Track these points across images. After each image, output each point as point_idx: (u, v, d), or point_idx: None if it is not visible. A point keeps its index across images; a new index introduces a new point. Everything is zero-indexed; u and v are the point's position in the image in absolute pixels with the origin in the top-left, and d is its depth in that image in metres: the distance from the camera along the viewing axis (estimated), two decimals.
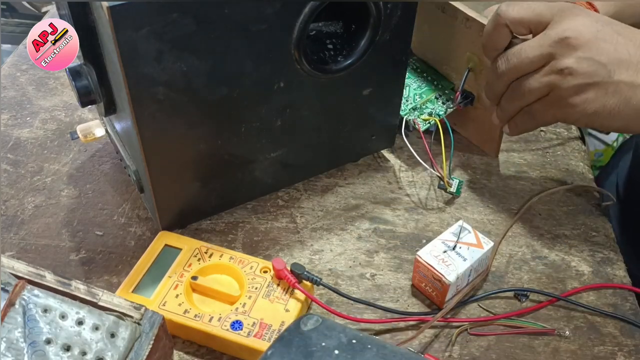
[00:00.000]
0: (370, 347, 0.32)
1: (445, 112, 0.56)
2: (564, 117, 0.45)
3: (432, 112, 0.57)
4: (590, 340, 0.44)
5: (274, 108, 0.47)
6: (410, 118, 0.56)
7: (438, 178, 0.55)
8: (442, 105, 0.57)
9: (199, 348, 0.43)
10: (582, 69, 0.42)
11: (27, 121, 0.62)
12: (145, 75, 0.39)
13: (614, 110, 0.43)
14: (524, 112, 0.47)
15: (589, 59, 0.42)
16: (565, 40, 0.42)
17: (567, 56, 0.42)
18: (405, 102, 0.57)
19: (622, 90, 0.42)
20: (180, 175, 0.46)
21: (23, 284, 0.33)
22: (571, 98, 0.43)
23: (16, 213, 0.52)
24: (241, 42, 0.41)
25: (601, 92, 0.42)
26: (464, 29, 0.52)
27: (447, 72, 0.58)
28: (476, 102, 0.56)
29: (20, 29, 1.64)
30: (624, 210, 0.56)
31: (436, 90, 0.58)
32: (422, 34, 0.58)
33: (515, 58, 0.45)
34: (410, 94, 0.58)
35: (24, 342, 0.31)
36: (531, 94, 0.45)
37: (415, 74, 0.60)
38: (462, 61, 0.54)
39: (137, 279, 0.44)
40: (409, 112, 0.57)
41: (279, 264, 0.43)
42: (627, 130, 0.45)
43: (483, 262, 0.47)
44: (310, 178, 0.56)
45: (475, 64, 0.53)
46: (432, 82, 0.59)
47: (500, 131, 0.56)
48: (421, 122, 0.56)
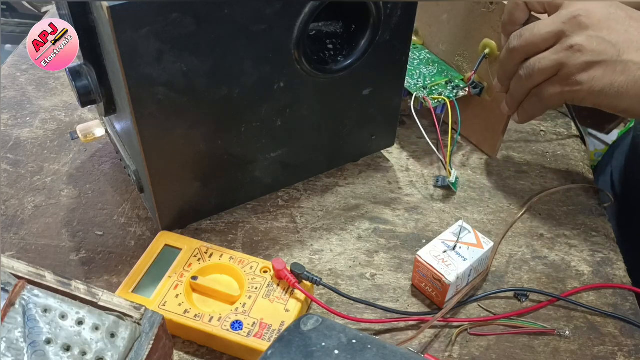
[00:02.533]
0: (370, 347, 0.32)
1: (456, 96, 0.56)
2: (572, 95, 0.45)
3: (442, 94, 0.57)
4: (590, 340, 0.44)
5: (274, 108, 0.47)
6: (420, 95, 0.56)
7: (433, 177, 0.55)
8: (451, 90, 0.57)
9: (199, 348, 0.43)
10: (591, 47, 0.42)
11: (27, 121, 0.62)
12: (145, 75, 0.39)
13: (621, 89, 0.43)
14: (532, 94, 0.47)
15: (599, 37, 0.42)
16: (577, 18, 0.43)
17: (577, 34, 0.43)
18: (415, 82, 0.58)
19: (631, 69, 0.42)
20: (180, 175, 0.46)
21: (23, 284, 0.33)
22: (579, 75, 0.43)
23: (16, 213, 0.52)
24: (241, 42, 0.41)
25: (609, 70, 0.43)
26: (487, 13, 0.53)
27: (459, 64, 0.59)
28: (484, 94, 0.57)
29: (20, 29, 1.64)
30: (620, 205, 0.57)
31: (447, 77, 0.58)
32: (440, 25, 0.59)
33: (528, 33, 0.45)
34: (421, 75, 0.59)
35: (24, 342, 0.31)
36: (540, 73, 0.45)
37: (427, 63, 0.60)
38: (478, 50, 0.55)
39: (137, 279, 0.44)
40: (419, 90, 0.57)
41: (279, 264, 0.43)
42: (634, 111, 0.45)
43: (483, 262, 0.47)
44: (310, 178, 0.56)
45: (491, 51, 0.53)
46: (442, 72, 0.59)
47: (503, 129, 0.57)
48: (431, 100, 0.56)
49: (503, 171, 0.58)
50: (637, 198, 0.64)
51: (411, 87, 0.57)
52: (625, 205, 0.62)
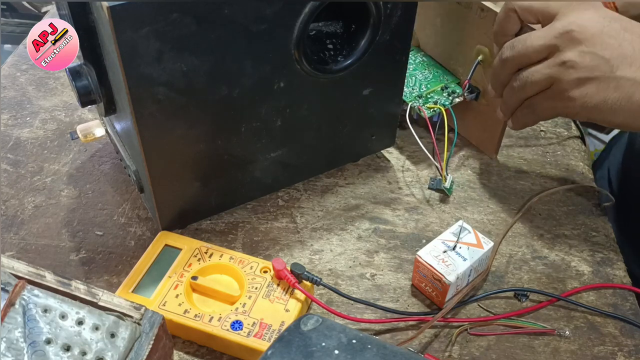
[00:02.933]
0: (370, 347, 0.32)
1: (451, 103, 0.56)
2: (565, 110, 0.45)
3: (437, 102, 0.57)
4: (590, 340, 0.44)
5: (274, 108, 0.47)
6: (415, 105, 0.56)
7: (429, 179, 0.56)
8: (447, 97, 0.57)
9: (199, 348, 0.43)
10: (584, 63, 0.42)
11: (27, 121, 0.62)
12: (145, 75, 0.39)
13: (615, 105, 0.42)
14: (525, 105, 0.47)
15: (592, 53, 0.42)
16: (570, 33, 0.42)
17: (570, 49, 0.42)
18: (411, 90, 0.57)
19: (624, 86, 0.42)
20: (180, 175, 0.46)
21: (23, 284, 0.33)
22: (572, 91, 0.43)
23: (16, 213, 0.52)
24: (241, 42, 0.41)
25: (602, 86, 0.42)
26: (478, 19, 0.53)
27: (454, 67, 0.58)
28: (481, 98, 0.56)
29: (20, 29, 1.64)
30: (618, 202, 0.56)
31: (442, 82, 0.58)
32: (433, 28, 0.58)
33: (520, 45, 0.45)
34: (416, 83, 0.58)
35: (24, 342, 0.31)
36: (533, 86, 0.45)
37: (422, 68, 0.60)
38: (472, 55, 0.55)
39: (137, 279, 0.44)
40: (414, 99, 0.57)
41: (279, 264, 0.43)
42: (628, 126, 0.45)
43: (483, 262, 0.47)
44: (310, 178, 0.56)
45: (485, 57, 0.53)
46: (438, 77, 0.59)
47: (502, 130, 0.56)
48: (426, 109, 0.56)
49: (503, 171, 0.58)
50: (634, 195, 0.64)
51: (407, 96, 0.57)
52: (622, 202, 0.62)
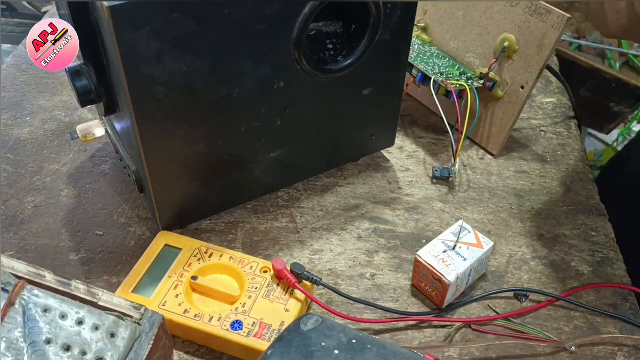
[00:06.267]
0: (370, 347, 0.32)
1: (472, 86, 0.56)
2: None
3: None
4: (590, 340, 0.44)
5: (274, 108, 0.47)
6: (439, 79, 0.56)
7: (432, 168, 0.56)
8: (466, 80, 0.57)
9: (199, 348, 0.43)
10: None
11: (27, 121, 0.62)
12: (145, 75, 0.39)
13: None
14: None
15: None
16: None
17: None
18: (432, 67, 0.58)
19: None
20: (180, 175, 0.46)
21: (23, 284, 0.33)
22: None
23: (16, 213, 0.52)
24: (241, 42, 0.41)
25: None
26: (509, 7, 0.54)
27: (470, 60, 0.59)
28: (496, 88, 0.57)
29: (20, 29, 1.64)
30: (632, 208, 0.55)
31: (460, 70, 0.58)
32: (453, 21, 0.59)
33: None
34: (435, 65, 0.59)
35: (24, 342, 0.31)
36: None
37: (438, 58, 0.60)
38: (495, 44, 0.56)
39: (137, 279, 0.44)
40: (436, 75, 0.57)
41: (279, 264, 0.43)
42: None
43: (483, 262, 0.47)
44: (310, 178, 0.56)
45: (510, 44, 0.54)
46: (454, 67, 0.59)
47: (511, 126, 0.57)
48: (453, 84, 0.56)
49: (503, 171, 0.58)
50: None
51: (428, 71, 0.57)
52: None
